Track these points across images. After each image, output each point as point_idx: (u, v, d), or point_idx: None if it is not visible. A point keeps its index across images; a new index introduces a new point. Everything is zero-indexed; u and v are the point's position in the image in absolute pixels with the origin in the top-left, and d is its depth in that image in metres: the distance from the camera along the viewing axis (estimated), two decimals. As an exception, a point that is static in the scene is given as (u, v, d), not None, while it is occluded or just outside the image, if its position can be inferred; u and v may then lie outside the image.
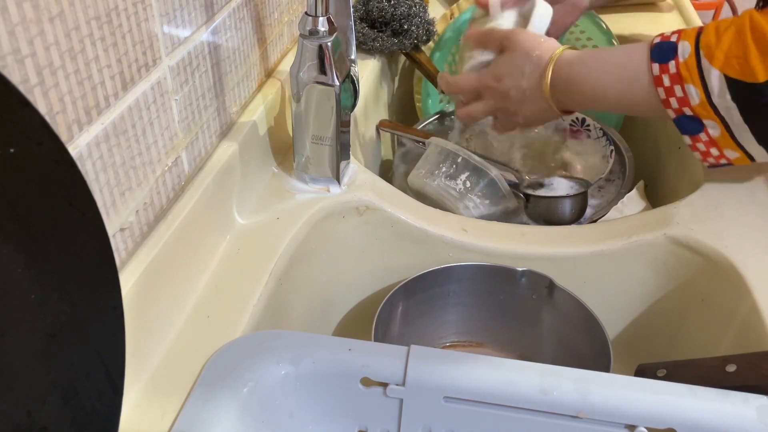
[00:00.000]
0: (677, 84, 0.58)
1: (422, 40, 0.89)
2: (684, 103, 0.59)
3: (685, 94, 0.58)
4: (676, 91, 0.59)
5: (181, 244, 0.51)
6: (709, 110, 0.58)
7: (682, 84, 0.58)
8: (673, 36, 0.60)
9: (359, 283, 0.69)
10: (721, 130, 0.58)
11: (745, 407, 0.43)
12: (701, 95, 0.57)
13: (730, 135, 0.58)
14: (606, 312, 0.60)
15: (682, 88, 0.58)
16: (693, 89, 0.57)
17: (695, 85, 0.57)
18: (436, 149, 0.75)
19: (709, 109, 0.58)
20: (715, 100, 0.57)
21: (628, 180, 0.76)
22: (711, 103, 0.57)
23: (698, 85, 0.57)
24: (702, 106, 0.58)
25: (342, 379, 0.47)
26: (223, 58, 0.58)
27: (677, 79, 0.58)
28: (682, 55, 0.58)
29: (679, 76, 0.58)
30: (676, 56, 0.58)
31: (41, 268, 0.29)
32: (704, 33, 0.57)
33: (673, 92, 0.59)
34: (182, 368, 0.47)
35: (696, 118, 0.59)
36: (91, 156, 0.41)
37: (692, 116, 0.59)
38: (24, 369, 0.30)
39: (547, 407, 0.45)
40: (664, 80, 0.59)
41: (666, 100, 0.60)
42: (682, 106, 0.59)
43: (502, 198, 0.72)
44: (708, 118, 0.58)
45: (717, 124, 0.58)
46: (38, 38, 0.35)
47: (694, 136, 0.60)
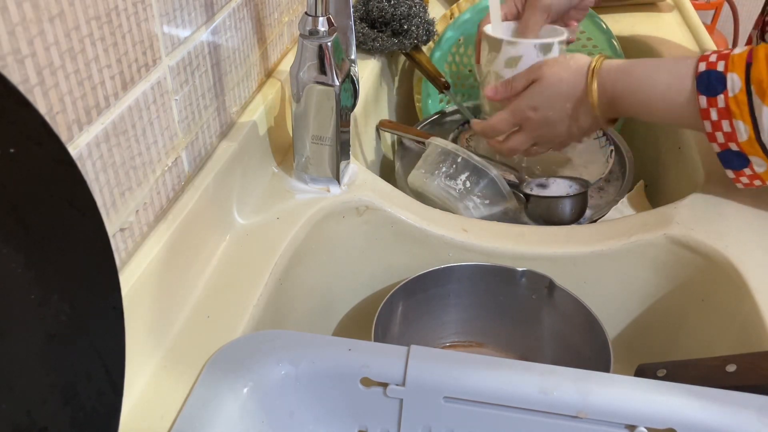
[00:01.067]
0: (725, 119, 0.57)
1: (422, 40, 0.89)
2: (731, 138, 0.57)
3: (733, 130, 0.57)
4: (724, 126, 0.57)
5: (181, 244, 0.51)
6: (756, 148, 0.56)
7: (730, 119, 0.56)
8: (719, 63, 0.57)
9: (359, 283, 0.69)
10: (767, 166, 0.57)
11: (745, 407, 0.43)
12: (750, 132, 0.56)
13: None
14: (606, 312, 0.60)
15: (731, 124, 0.56)
16: (742, 126, 0.56)
17: (744, 122, 0.55)
18: (436, 149, 0.75)
19: (757, 147, 0.56)
20: (764, 137, 0.55)
21: (628, 180, 0.76)
22: (759, 140, 0.56)
23: (748, 122, 0.55)
24: (750, 143, 0.56)
25: (342, 379, 0.47)
26: (223, 58, 0.58)
27: (726, 114, 0.56)
28: (732, 90, 0.56)
29: (728, 111, 0.56)
30: (726, 90, 0.56)
31: (41, 268, 0.29)
32: (755, 66, 0.55)
33: (720, 127, 0.57)
34: (182, 368, 0.47)
35: (741, 154, 0.58)
36: (91, 156, 0.41)
37: (738, 152, 0.58)
38: (24, 369, 0.29)
39: (547, 407, 0.45)
40: (712, 114, 0.57)
41: (712, 134, 0.58)
42: (729, 141, 0.57)
43: (502, 198, 0.72)
44: (754, 155, 0.57)
45: (763, 161, 0.57)
46: (38, 38, 0.35)
47: (737, 171, 0.60)
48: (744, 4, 2.02)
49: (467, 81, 0.95)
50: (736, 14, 2.00)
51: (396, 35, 0.88)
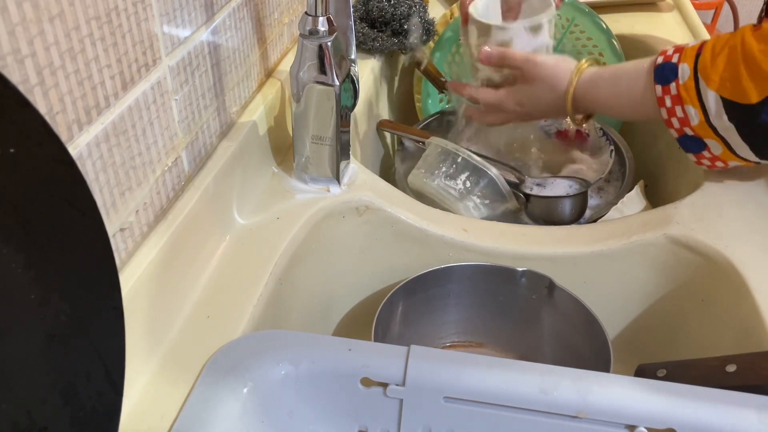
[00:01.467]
0: (678, 105, 0.60)
1: (422, 40, 0.89)
2: (685, 123, 0.60)
3: (686, 115, 0.60)
4: (677, 112, 0.60)
5: (181, 244, 0.51)
6: (708, 130, 0.59)
7: (682, 105, 0.60)
8: (674, 56, 0.61)
9: (359, 283, 0.69)
10: (723, 148, 0.60)
11: (745, 407, 0.43)
12: (700, 116, 0.59)
13: (732, 152, 0.60)
14: (606, 312, 0.60)
15: (683, 109, 0.60)
16: (692, 110, 0.59)
17: (694, 107, 0.59)
18: (436, 149, 0.75)
19: (709, 130, 0.59)
20: (713, 120, 0.58)
21: (628, 180, 0.76)
22: (710, 123, 0.58)
23: (697, 107, 0.58)
24: (701, 127, 0.59)
25: (342, 379, 0.47)
26: (223, 58, 0.58)
27: (678, 101, 0.60)
28: (682, 78, 0.59)
29: (680, 98, 0.60)
30: (677, 78, 0.60)
31: (41, 268, 0.29)
32: (702, 54, 0.59)
33: (675, 113, 0.61)
34: (182, 368, 0.47)
35: (697, 138, 0.61)
36: (91, 156, 0.41)
37: (693, 136, 0.61)
38: (24, 369, 0.29)
39: (547, 407, 0.45)
40: (666, 101, 0.61)
41: (668, 120, 0.61)
42: (683, 126, 0.61)
43: (502, 198, 0.72)
44: (708, 138, 0.60)
45: (718, 143, 0.60)
46: (38, 38, 0.35)
47: (697, 154, 0.62)
48: (744, 4, 2.02)
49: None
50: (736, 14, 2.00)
51: (396, 35, 0.88)
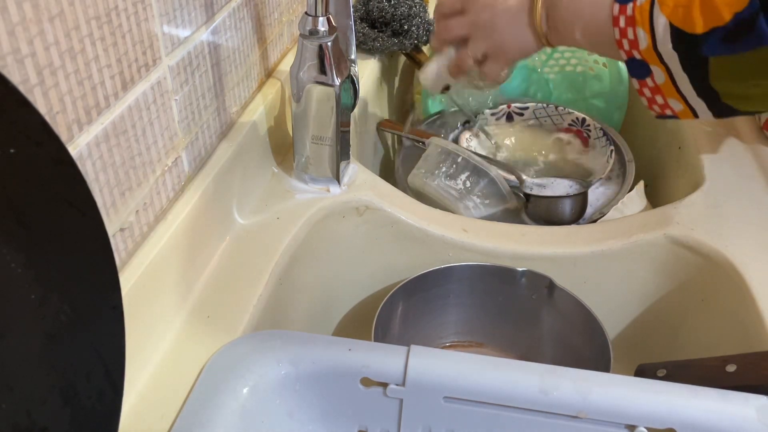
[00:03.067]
0: (630, 26, 0.59)
1: (422, 40, 0.89)
2: (634, 45, 0.59)
3: (636, 38, 0.59)
4: (629, 34, 0.59)
5: (181, 244, 0.51)
6: (654, 56, 0.58)
7: (634, 27, 0.59)
8: None
9: (359, 283, 0.69)
10: (666, 77, 0.59)
11: (745, 407, 0.43)
12: (648, 40, 0.58)
13: (673, 84, 0.59)
14: (606, 312, 0.60)
15: (634, 31, 0.59)
16: (642, 33, 0.58)
17: (644, 29, 0.58)
18: (436, 149, 0.75)
19: (654, 55, 0.58)
20: (659, 47, 0.57)
21: (628, 180, 0.76)
22: (656, 49, 0.58)
23: (647, 30, 0.58)
24: (648, 51, 0.58)
25: (342, 379, 0.47)
26: (223, 58, 0.58)
27: (631, 22, 0.59)
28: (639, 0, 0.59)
29: (633, 19, 0.59)
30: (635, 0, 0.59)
31: (41, 268, 0.29)
32: None
33: (626, 34, 0.59)
34: (182, 368, 0.47)
35: (644, 63, 0.60)
36: (91, 156, 0.41)
37: (640, 60, 0.60)
38: (24, 369, 0.29)
39: (547, 407, 0.45)
40: (621, 21, 0.60)
41: (619, 40, 0.60)
42: (632, 49, 0.60)
43: (502, 198, 0.72)
44: (654, 64, 0.59)
45: (662, 72, 0.59)
46: (38, 38, 0.35)
47: (641, 80, 0.61)
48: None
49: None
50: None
51: (396, 35, 0.88)
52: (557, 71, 0.94)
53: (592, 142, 0.82)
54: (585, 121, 0.84)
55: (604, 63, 0.93)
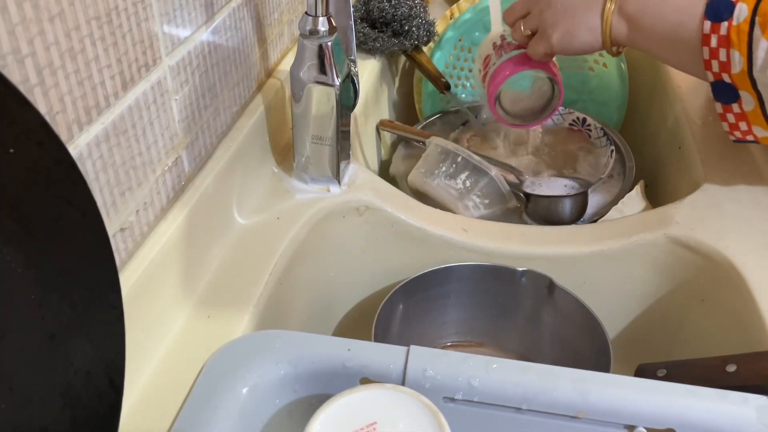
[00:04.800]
0: (723, 47, 0.55)
1: (423, 41, 0.89)
2: (725, 68, 0.56)
3: (729, 60, 0.55)
4: (721, 55, 0.56)
5: (181, 244, 0.51)
6: (747, 82, 0.55)
7: (728, 48, 0.55)
8: None
9: (359, 283, 0.69)
10: (755, 105, 0.56)
11: (745, 407, 0.43)
12: (744, 64, 0.54)
13: (763, 112, 0.56)
14: (606, 312, 0.60)
15: (728, 53, 0.55)
16: (738, 56, 0.54)
17: (741, 53, 0.54)
18: (436, 149, 0.75)
19: (747, 82, 0.55)
20: (756, 73, 0.54)
21: (628, 180, 0.76)
22: (751, 75, 0.54)
23: (744, 54, 0.54)
24: (741, 76, 0.55)
25: (341, 380, 0.47)
26: (223, 58, 0.58)
27: (725, 43, 0.55)
28: (737, 18, 0.54)
29: (728, 40, 0.55)
30: (731, 18, 0.55)
31: (41, 268, 0.29)
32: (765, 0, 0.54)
33: (717, 55, 0.56)
34: (182, 368, 0.47)
35: (733, 87, 0.56)
36: (91, 156, 0.41)
37: (730, 84, 0.56)
38: (24, 369, 0.29)
39: (547, 407, 0.45)
40: (712, 41, 0.56)
41: (708, 61, 0.57)
42: (723, 72, 0.56)
43: (502, 198, 0.72)
44: (744, 90, 0.56)
45: (752, 98, 0.56)
46: (38, 38, 0.35)
47: (726, 105, 0.58)
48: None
49: (467, 81, 0.95)
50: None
51: (396, 36, 0.88)
52: (557, 71, 0.94)
53: (593, 142, 0.82)
54: (585, 121, 0.84)
55: (604, 63, 0.93)
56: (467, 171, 0.72)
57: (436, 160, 0.74)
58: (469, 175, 0.72)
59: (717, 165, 0.69)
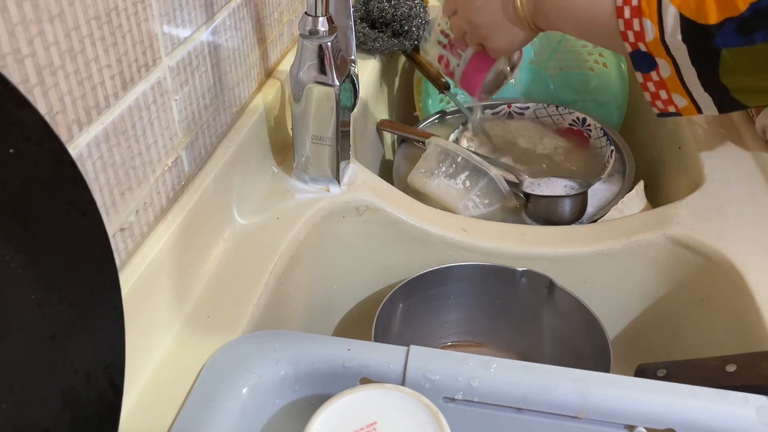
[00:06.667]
0: (636, 17, 0.57)
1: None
2: (640, 37, 0.58)
3: (642, 29, 0.57)
4: (635, 25, 0.58)
5: (181, 244, 0.51)
6: (661, 48, 0.57)
7: (641, 18, 0.57)
8: None
9: (359, 283, 0.69)
10: (672, 71, 0.58)
11: (745, 407, 0.43)
12: (656, 32, 0.56)
13: (679, 78, 0.58)
14: (606, 312, 0.60)
15: (640, 22, 0.57)
16: (649, 24, 0.57)
17: (652, 21, 0.56)
18: (436, 149, 0.75)
19: (662, 48, 0.57)
20: (667, 38, 0.56)
21: (628, 180, 0.76)
22: (664, 41, 0.56)
23: (655, 21, 0.56)
24: (655, 44, 0.57)
25: (341, 380, 0.47)
26: (223, 58, 0.58)
27: (637, 13, 0.57)
28: None
29: (639, 10, 0.57)
30: None
31: (41, 268, 0.29)
32: None
33: (632, 25, 0.58)
34: (182, 368, 0.47)
35: (649, 55, 0.58)
36: (91, 156, 0.41)
37: (646, 53, 0.58)
38: (24, 369, 0.30)
39: (547, 407, 0.45)
40: (626, 12, 0.58)
41: (624, 32, 0.59)
42: (638, 41, 0.58)
43: (502, 197, 0.72)
44: (660, 57, 0.57)
45: (668, 65, 0.57)
46: (38, 38, 0.35)
47: (645, 74, 0.60)
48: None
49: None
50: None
51: (396, 36, 0.88)
52: (557, 71, 0.94)
53: (593, 142, 0.82)
54: (585, 121, 0.84)
55: (604, 63, 0.93)
56: (467, 171, 0.72)
57: (436, 160, 0.74)
58: (469, 175, 0.72)
59: (717, 165, 0.69)
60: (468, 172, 0.72)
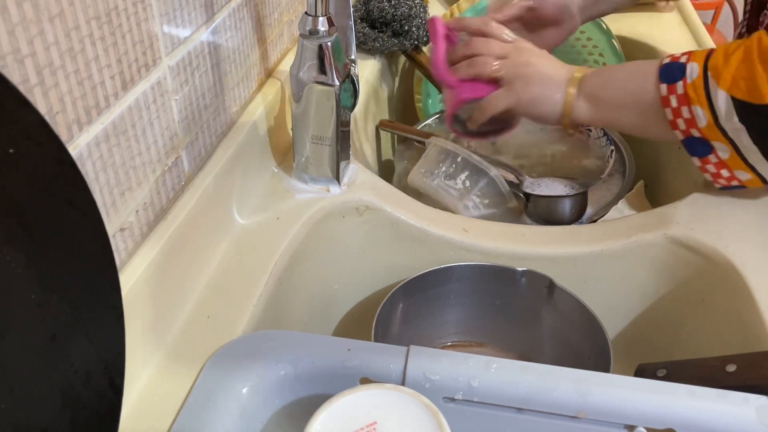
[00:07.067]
0: (684, 105, 0.58)
1: (423, 41, 0.89)
2: (691, 124, 0.58)
3: (693, 116, 0.58)
4: (684, 113, 0.58)
5: (181, 244, 0.51)
6: (717, 132, 0.57)
7: (689, 105, 0.57)
8: (682, 57, 0.59)
9: (359, 283, 0.69)
10: (731, 152, 0.58)
11: (745, 407, 0.43)
12: (708, 117, 0.57)
13: (741, 157, 0.58)
14: (606, 312, 0.60)
15: (690, 110, 0.58)
16: (700, 111, 0.57)
17: (702, 107, 0.57)
18: (436, 149, 0.75)
19: (717, 132, 0.57)
20: (722, 122, 0.56)
21: (628, 180, 0.76)
22: (719, 125, 0.57)
23: (705, 107, 0.56)
24: (710, 128, 0.57)
25: (341, 380, 0.47)
26: (223, 58, 0.58)
27: (684, 101, 0.58)
28: (690, 77, 0.57)
29: (687, 97, 0.57)
30: (684, 77, 0.58)
31: (41, 268, 0.29)
32: (713, 55, 0.57)
33: (681, 114, 0.58)
34: (182, 368, 0.47)
35: (704, 140, 0.58)
36: (91, 156, 0.41)
37: (700, 138, 0.58)
38: (24, 369, 0.30)
39: (547, 407, 0.45)
40: (672, 101, 0.58)
41: (674, 121, 0.59)
42: (690, 128, 0.58)
43: (502, 198, 0.72)
44: (717, 140, 0.58)
45: (727, 147, 0.58)
46: (38, 38, 0.35)
47: (702, 158, 0.60)
48: (744, 4, 2.02)
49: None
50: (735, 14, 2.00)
51: (396, 36, 0.88)
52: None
53: (592, 142, 0.82)
54: (585, 121, 0.84)
55: (604, 63, 0.93)
56: (467, 171, 0.72)
57: (435, 160, 0.74)
58: (469, 175, 0.72)
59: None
60: (468, 172, 0.72)
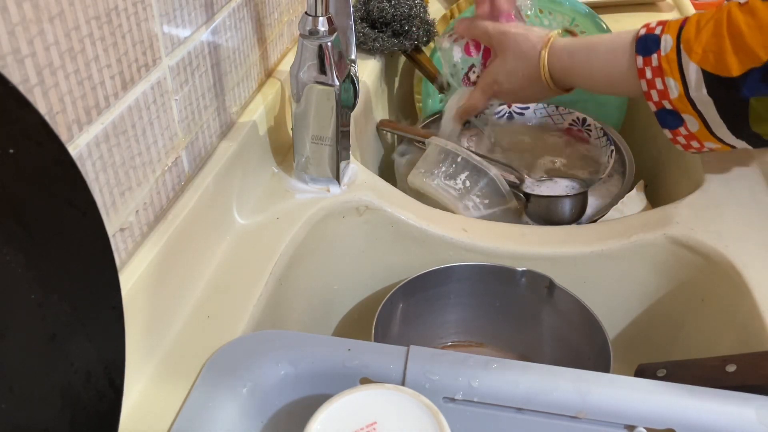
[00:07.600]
0: (658, 77, 0.59)
1: (423, 41, 0.89)
2: (664, 96, 0.59)
3: (665, 87, 0.59)
4: (657, 84, 0.59)
5: (181, 244, 0.51)
6: (687, 104, 0.58)
7: (662, 77, 0.59)
8: (657, 28, 0.60)
9: (359, 283, 0.69)
10: (699, 124, 0.59)
11: (745, 407, 0.43)
12: (680, 89, 0.58)
13: (708, 129, 0.59)
14: (606, 312, 0.60)
15: (663, 81, 0.59)
16: (672, 82, 0.58)
17: (675, 79, 0.58)
18: (435, 149, 0.75)
19: (687, 103, 0.58)
20: (692, 93, 0.57)
21: (628, 180, 0.76)
22: (689, 97, 0.58)
23: (677, 79, 0.58)
24: (680, 100, 0.58)
25: (341, 380, 0.47)
26: (223, 58, 0.58)
27: (659, 72, 0.59)
28: (664, 49, 0.59)
29: (661, 70, 0.59)
30: (659, 49, 0.59)
31: (41, 268, 0.29)
32: (686, 27, 0.58)
33: (655, 85, 0.60)
34: (182, 368, 0.47)
35: (675, 112, 0.60)
36: (91, 156, 0.41)
37: (671, 110, 0.60)
38: (24, 369, 0.30)
39: (547, 407, 0.45)
40: (647, 73, 0.60)
41: (648, 92, 0.60)
42: (662, 99, 0.60)
43: (502, 198, 0.72)
44: (686, 113, 0.59)
45: (695, 119, 0.59)
46: (38, 38, 0.35)
47: (673, 130, 0.61)
48: (744, 4, 2.01)
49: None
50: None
51: (396, 36, 0.88)
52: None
53: (592, 142, 0.82)
54: (585, 121, 0.84)
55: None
56: (467, 171, 0.72)
57: (435, 160, 0.74)
58: (469, 175, 0.72)
59: (717, 165, 0.69)
60: (468, 172, 0.72)
